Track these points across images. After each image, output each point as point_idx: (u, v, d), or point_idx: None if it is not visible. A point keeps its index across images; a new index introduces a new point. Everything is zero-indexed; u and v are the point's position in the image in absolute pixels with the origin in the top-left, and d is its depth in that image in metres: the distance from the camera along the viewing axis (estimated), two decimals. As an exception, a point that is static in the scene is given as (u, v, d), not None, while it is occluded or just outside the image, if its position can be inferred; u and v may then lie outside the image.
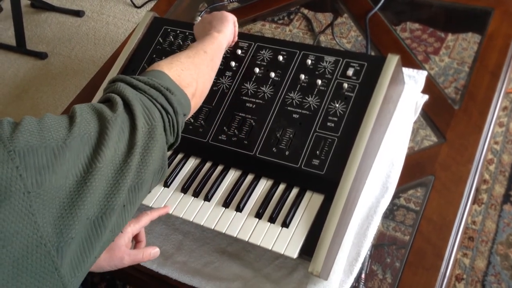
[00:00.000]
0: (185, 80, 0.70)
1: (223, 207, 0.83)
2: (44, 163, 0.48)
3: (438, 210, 0.86)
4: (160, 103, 0.63)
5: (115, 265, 0.74)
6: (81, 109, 0.57)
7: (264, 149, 0.86)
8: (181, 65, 0.72)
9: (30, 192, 0.46)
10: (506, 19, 1.09)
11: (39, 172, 0.47)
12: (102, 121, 0.56)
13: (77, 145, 0.52)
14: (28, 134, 0.49)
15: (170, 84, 0.67)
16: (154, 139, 0.60)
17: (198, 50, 0.79)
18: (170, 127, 0.64)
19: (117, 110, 0.58)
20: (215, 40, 0.85)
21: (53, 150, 0.50)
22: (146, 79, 0.65)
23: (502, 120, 1.69)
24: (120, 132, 0.57)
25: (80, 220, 0.50)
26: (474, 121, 0.96)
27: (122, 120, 0.58)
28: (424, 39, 1.24)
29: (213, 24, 0.91)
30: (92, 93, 1.01)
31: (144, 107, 0.61)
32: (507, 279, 1.38)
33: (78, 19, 2.58)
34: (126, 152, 0.56)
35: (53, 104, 2.21)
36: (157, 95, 0.63)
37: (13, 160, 0.46)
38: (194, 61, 0.76)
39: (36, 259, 0.46)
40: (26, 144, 0.48)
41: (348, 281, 0.81)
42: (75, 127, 0.54)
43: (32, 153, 0.48)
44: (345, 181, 0.78)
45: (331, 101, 0.86)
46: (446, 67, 1.16)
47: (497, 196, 1.54)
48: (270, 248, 0.77)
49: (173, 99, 0.65)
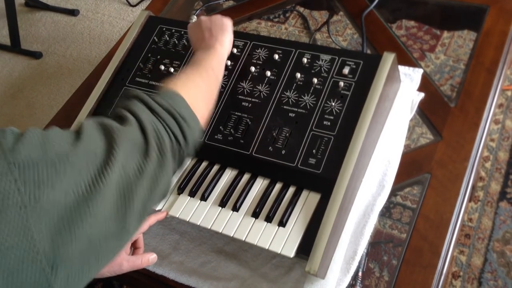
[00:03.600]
0: (199, 106, 0.70)
1: (219, 207, 0.83)
2: (43, 178, 0.47)
3: (435, 208, 0.87)
4: (174, 133, 0.63)
5: (114, 271, 0.75)
6: (89, 125, 0.56)
7: (260, 148, 0.85)
8: (196, 87, 0.73)
9: (27, 206, 0.45)
10: (502, 16, 1.09)
11: (38, 187, 0.47)
12: (110, 141, 0.55)
13: (80, 163, 0.51)
14: (30, 147, 0.48)
15: (186, 112, 0.66)
16: (163, 171, 0.59)
17: (207, 69, 0.79)
18: (177, 157, 0.64)
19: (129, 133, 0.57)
20: (219, 56, 0.85)
21: (54, 165, 0.49)
22: (165, 104, 0.64)
23: (498, 117, 1.69)
24: (128, 156, 0.55)
25: (78, 240, 0.49)
26: (470, 119, 0.96)
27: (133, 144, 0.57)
28: (419, 36, 1.24)
29: (213, 33, 0.88)
30: (87, 93, 1.01)
31: (158, 135, 0.60)
32: (503, 276, 1.39)
33: (73, 18, 2.57)
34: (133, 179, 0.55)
35: (48, 103, 2.20)
36: (173, 125, 0.63)
37: (12, 172, 0.46)
38: (205, 81, 0.76)
39: (30, 274, 0.45)
40: (27, 157, 0.47)
41: (345, 279, 0.81)
42: (80, 143, 0.52)
43: (32, 167, 0.47)
44: (341, 179, 0.78)
45: (327, 100, 0.86)
46: (442, 64, 1.16)
47: (493, 193, 1.54)
48: (267, 247, 0.77)
49: (187, 131, 0.64)
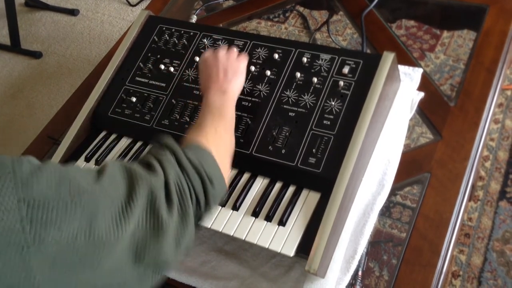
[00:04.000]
0: (224, 162, 0.72)
1: (219, 206, 0.83)
2: (51, 218, 0.45)
3: (435, 207, 0.87)
4: (197, 194, 0.62)
5: None
6: (113, 166, 0.55)
7: (260, 147, 0.85)
8: (224, 144, 0.75)
9: (30, 247, 0.44)
10: (502, 16, 1.09)
11: (44, 227, 0.45)
12: (132, 186, 0.54)
13: (95, 205, 0.49)
14: (45, 184, 0.47)
15: (214, 172, 0.66)
16: (185, 228, 0.59)
17: (228, 119, 0.79)
18: (196, 217, 0.63)
19: (153, 182, 0.56)
20: (233, 103, 0.83)
21: (65, 205, 0.47)
22: (195, 160, 0.63)
23: (497, 116, 1.69)
24: (148, 207, 0.54)
25: (84, 285, 0.48)
26: (470, 118, 0.96)
27: (155, 195, 0.56)
28: (419, 36, 1.24)
29: (228, 76, 0.84)
30: (87, 92, 1.01)
31: (181, 191, 0.60)
32: (503, 275, 1.39)
33: (73, 17, 2.57)
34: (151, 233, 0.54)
35: (48, 103, 2.20)
36: (197, 185, 0.63)
37: (20, 210, 0.44)
38: (228, 133, 0.78)
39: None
40: (39, 193, 0.46)
41: (345, 278, 0.81)
42: (99, 185, 0.51)
43: (42, 206, 0.45)
44: (341, 179, 0.78)
45: (327, 99, 0.86)
46: (441, 64, 1.16)
47: (493, 192, 1.54)
48: (267, 246, 0.77)
49: (211, 192, 0.64)
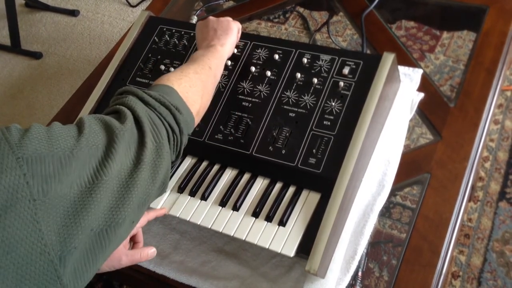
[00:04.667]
0: (192, 98, 0.72)
1: (219, 206, 0.83)
2: (50, 172, 0.48)
3: (435, 208, 0.87)
4: (168, 122, 0.65)
5: (113, 265, 0.75)
6: (90, 120, 0.58)
7: (260, 148, 0.86)
8: (190, 81, 0.74)
9: (36, 200, 0.46)
10: (501, 16, 1.09)
11: (46, 181, 0.48)
12: (110, 134, 0.57)
13: (84, 156, 0.52)
14: (36, 142, 0.49)
15: (178, 102, 0.68)
16: (161, 157, 0.61)
17: (204, 66, 0.80)
18: (174, 146, 0.66)
19: (126, 125, 0.59)
20: (218, 55, 0.85)
21: (60, 159, 0.50)
22: (157, 95, 0.66)
23: (497, 117, 1.69)
24: (127, 147, 0.57)
25: (84, 230, 0.50)
26: (470, 119, 0.96)
27: (130, 135, 0.59)
28: (419, 37, 1.25)
29: (217, 34, 0.89)
30: (87, 93, 1.01)
31: (153, 124, 0.62)
32: (503, 275, 1.39)
33: (73, 18, 2.57)
34: (132, 168, 0.57)
35: (48, 104, 2.20)
36: (166, 114, 0.65)
37: (21, 167, 0.46)
38: (201, 77, 0.77)
39: (39, 266, 0.46)
40: (34, 151, 0.48)
41: (345, 279, 0.81)
42: (83, 137, 0.54)
43: (39, 161, 0.48)
44: (341, 179, 0.78)
45: (327, 100, 0.86)
46: (441, 65, 1.16)
47: (492, 193, 1.54)
48: (267, 247, 0.77)
49: (181, 119, 0.66)
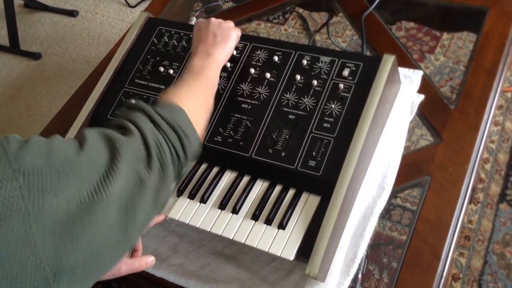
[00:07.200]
0: (198, 119, 0.72)
1: (219, 209, 0.83)
2: (47, 186, 0.48)
3: (435, 210, 0.86)
4: (175, 147, 0.64)
5: (113, 274, 0.75)
6: (92, 135, 0.57)
7: (260, 150, 0.85)
8: (196, 100, 0.74)
9: (30, 213, 0.46)
10: (502, 18, 1.09)
11: (42, 194, 0.47)
12: (113, 151, 0.56)
13: (83, 172, 0.51)
14: (34, 154, 0.49)
15: (186, 125, 0.67)
16: (164, 183, 0.60)
17: (205, 79, 0.80)
18: (176, 170, 0.65)
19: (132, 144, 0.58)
20: (216, 67, 0.85)
21: (58, 174, 0.49)
22: (167, 117, 0.65)
23: (497, 119, 1.69)
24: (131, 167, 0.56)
25: (81, 249, 0.49)
26: (470, 121, 0.96)
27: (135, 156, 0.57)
28: (419, 38, 1.24)
29: (217, 41, 0.87)
30: (86, 94, 1.00)
31: (160, 149, 0.61)
32: (503, 278, 1.38)
33: (72, 19, 2.57)
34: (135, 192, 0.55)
35: (47, 104, 2.19)
36: (174, 139, 0.64)
37: (17, 179, 0.46)
38: (204, 93, 0.77)
39: (34, 281, 0.45)
40: (31, 164, 0.48)
41: (345, 282, 0.81)
42: (84, 152, 0.53)
43: (36, 174, 0.47)
44: (341, 182, 0.78)
45: (327, 102, 0.86)
46: (441, 66, 1.16)
47: (493, 195, 1.54)
48: (266, 250, 0.76)
49: (187, 146, 0.66)
